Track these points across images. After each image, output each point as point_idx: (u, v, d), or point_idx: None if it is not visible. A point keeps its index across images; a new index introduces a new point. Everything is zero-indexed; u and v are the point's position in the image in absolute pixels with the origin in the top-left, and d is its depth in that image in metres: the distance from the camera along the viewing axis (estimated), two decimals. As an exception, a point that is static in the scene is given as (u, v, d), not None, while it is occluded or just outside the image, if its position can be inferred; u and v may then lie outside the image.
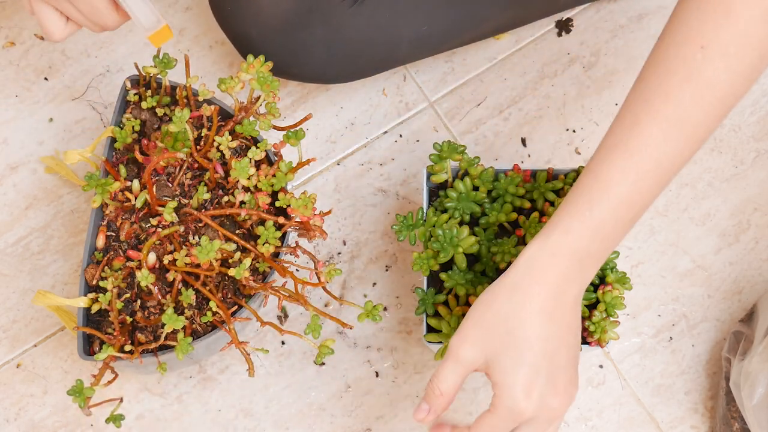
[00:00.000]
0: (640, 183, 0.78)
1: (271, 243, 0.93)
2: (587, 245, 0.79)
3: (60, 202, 1.15)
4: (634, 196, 0.78)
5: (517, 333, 0.79)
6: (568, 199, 0.80)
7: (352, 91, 1.19)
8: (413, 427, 1.09)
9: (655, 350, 1.12)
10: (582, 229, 0.79)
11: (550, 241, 0.79)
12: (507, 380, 0.78)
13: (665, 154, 0.78)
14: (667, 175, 0.79)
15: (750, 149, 1.18)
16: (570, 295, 0.80)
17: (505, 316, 0.79)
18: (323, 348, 0.93)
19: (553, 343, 0.79)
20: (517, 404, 0.78)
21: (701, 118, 0.78)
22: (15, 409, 1.08)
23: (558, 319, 0.79)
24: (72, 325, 0.98)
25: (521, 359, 0.78)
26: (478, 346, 0.80)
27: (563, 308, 0.80)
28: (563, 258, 0.79)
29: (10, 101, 1.18)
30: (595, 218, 0.78)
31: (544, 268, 0.79)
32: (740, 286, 1.14)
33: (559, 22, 1.22)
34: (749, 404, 1.00)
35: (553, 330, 0.79)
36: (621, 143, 0.78)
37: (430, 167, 1.00)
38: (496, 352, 0.79)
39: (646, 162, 0.78)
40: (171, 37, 0.92)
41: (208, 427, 1.09)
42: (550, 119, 1.19)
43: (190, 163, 1.00)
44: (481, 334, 0.80)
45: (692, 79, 0.77)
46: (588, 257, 0.79)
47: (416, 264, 0.96)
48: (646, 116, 0.78)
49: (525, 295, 0.79)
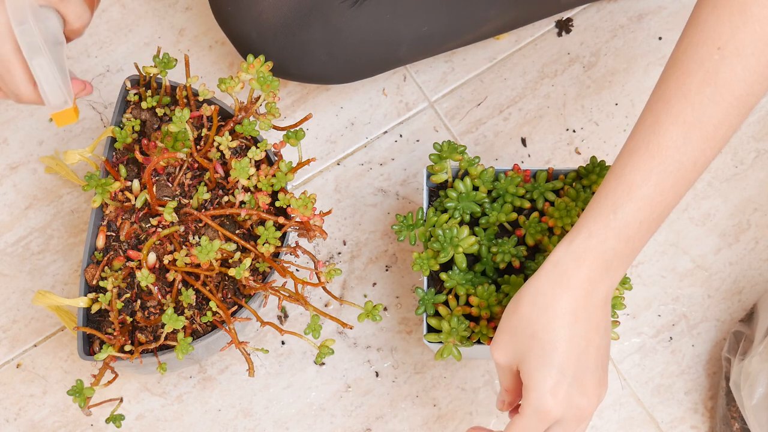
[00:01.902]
0: (662, 184, 0.79)
1: (271, 243, 0.93)
2: (612, 247, 0.80)
3: (60, 202, 1.15)
4: (657, 197, 0.79)
5: (541, 335, 0.80)
6: (592, 203, 0.81)
7: (352, 91, 1.19)
8: (413, 427, 1.09)
9: (655, 350, 1.12)
10: (606, 231, 0.79)
11: (574, 245, 0.80)
12: (533, 382, 0.80)
13: (686, 155, 0.78)
14: (691, 175, 0.80)
15: (750, 149, 1.18)
16: (597, 296, 0.81)
17: (530, 320, 0.80)
18: (323, 348, 0.93)
19: (579, 343, 0.80)
20: (544, 405, 0.79)
21: (721, 118, 0.78)
22: (15, 409, 1.08)
23: (584, 320, 0.80)
24: (72, 325, 0.98)
25: (547, 361, 0.79)
26: (508, 351, 0.82)
27: (590, 309, 0.80)
28: (588, 261, 0.80)
29: (10, 101, 1.18)
30: (619, 220, 0.79)
31: (569, 272, 0.80)
32: (740, 286, 1.14)
33: (559, 22, 1.22)
34: (749, 404, 1.00)
35: (579, 331, 0.80)
36: (642, 145, 0.79)
37: (430, 167, 1.00)
38: (524, 355, 0.81)
39: (668, 163, 0.78)
40: (75, 121, 0.89)
41: (208, 427, 1.09)
42: (550, 119, 1.19)
43: (190, 163, 1.00)
44: (509, 340, 0.82)
45: (710, 80, 0.77)
46: (614, 259, 0.80)
47: (416, 264, 0.96)
48: (667, 118, 0.78)
49: (549, 298, 0.80)
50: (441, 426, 1.09)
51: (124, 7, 1.21)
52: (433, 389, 1.10)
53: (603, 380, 0.82)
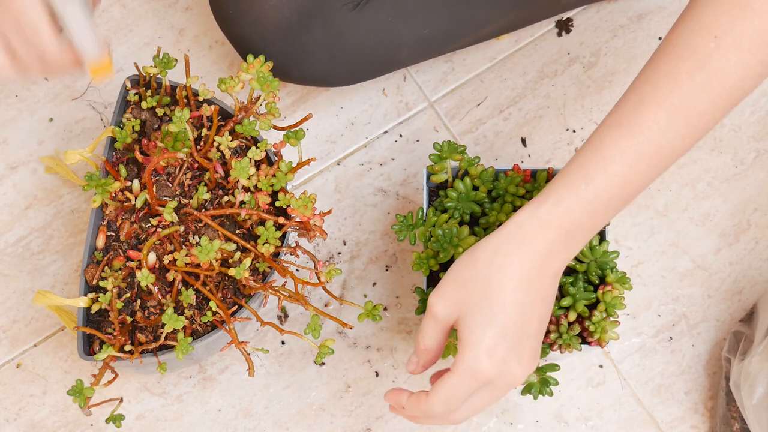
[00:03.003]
0: (638, 164, 0.78)
1: (271, 243, 0.93)
2: (578, 219, 0.79)
3: (60, 202, 1.15)
4: (631, 176, 0.78)
5: (492, 294, 0.78)
6: (564, 171, 0.80)
7: (352, 91, 1.19)
8: (413, 427, 1.09)
9: (655, 350, 1.12)
10: (575, 202, 0.78)
11: (541, 210, 0.79)
12: (473, 338, 0.78)
13: (667, 139, 0.78)
14: (667, 160, 0.79)
15: (750, 149, 1.18)
16: (552, 267, 0.80)
17: (484, 277, 0.79)
18: (323, 348, 0.93)
19: (526, 311, 0.79)
20: (479, 363, 0.78)
21: (707, 107, 0.78)
22: (15, 409, 1.08)
23: (536, 290, 0.79)
24: (72, 325, 0.98)
25: (491, 320, 0.78)
26: (452, 303, 0.80)
27: (542, 280, 0.79)
28: (551, 229, 0.79)
29: (10, 101, 1.18)
30: (590, 193, 0.78)
31: (531, 237, 0.79)
32: (740, 286, 1.14)
33: (559, 22, 1.22)
34: (749, 404, 1.00)
35: (529, 299, 0.79)
36: (624, 123, 0.78)
37: (430, 167, 1.00)
38: (468, 309, 0.79)
39: (648, 145, 0.78)
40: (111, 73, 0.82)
41: (208, 427, 1.09)
42: (550, 119, 1.19)
43: (190, 163, 1.00)
44: (456, 291, 0.80)
45: (702, 67, 0.77)
46: (576, 231, 0.79)
47: (416, 264, 0.96)
48: (652, 99, 0.78)
49: (507, 259, 0.79)
50: (441, 426, 1.09)
51: (124, 7, 1.21)
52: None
53: (537, 353, 0.81)
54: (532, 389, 0.93)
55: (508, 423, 1.09)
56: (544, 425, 1.09)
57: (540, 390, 0.93)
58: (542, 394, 0.93)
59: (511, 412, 1.09)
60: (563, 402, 1.10)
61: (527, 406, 1.10)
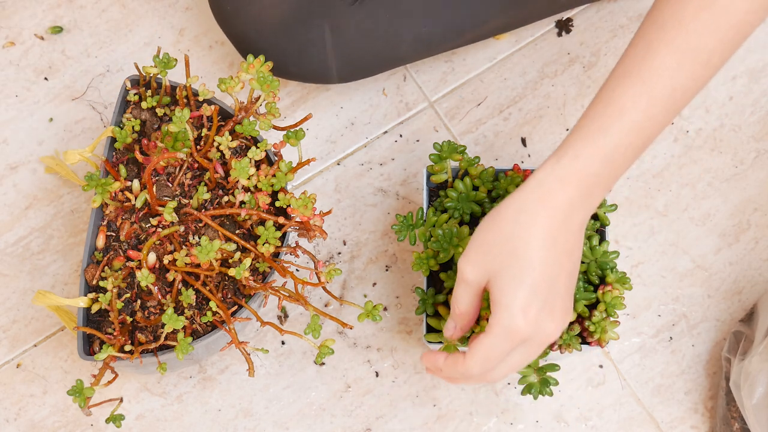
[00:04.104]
0: (652, 110, 0.78)
1: (271, 243, 0.93)
2: (597, 171, 0.79)
3: (60, 202, 1.15)
4: (646, 123, 0.78)
5: (519, 254, 0.78)
6: (578, 125, 0.80)
7: (352, 91, 1.19)
8: (413, 427, 1.09)
9: (655, 350, 1.12)
10: (592, 154, 0.78)
11: (560, 165, 0.79)
12: (505, 299, 0.78)
13: (678, 82, 0.78)
14: (680, 102, 0.79)
15: (750, 149, 1.18)
16: (575, 222, 0.80)
17: (510, 236, 0.79)
18: (323, 348, 0.93)
19: (554, 268, 0.79)
20: (514, 322, 0.78)
21: (715, 45, 0.78)
22: (15, 409, 1.08)
23: (561, 245, 0.79)
24: (72, 325, 0.98)
25: (522, 279, 0.78)
26: (481, 266, 0.80)
27: (567, 235, 0.79)
28: (571, 183, 0.79)
29: (10, 101, 1.18)
30: (607, 144, 0.78)
31: (552, 193, 0.79)
32: (740, 286, 1.14)
33: (559, 22, 1.22)
34: (749, 404, 1.00)
35: (556, 255, 0.79)
36: (634, 70, 0.78)
37: (430, 167, 1.00)
38: (498, 271, 0.79)
39: (659, 89, 0.78)
40: None
41: (208, 427, 1.09)
42: (550, 119, 1.19)
43: (190, 163, 1.00)
44: (484, 254, 0.80)
45: (707, 6, 0.77)
46: (597, 184, 0.79)
47: (416, 264, 0.96)
48: (659, 44, 0.78)
49: (531, 217, 0.79)
50: (441, 426, 1.09)
51: (124, 7, 1.21)
52: (433, 389, 1.10)
53: (569, 308, 0.81)
54: (532, 389, 0.93)
55: (508, 423, 1.09)
56: (544, 425, 1.09)
57: (540, 390, 0.93)
58: (542, 394, 0.93)
59: (511, 412, 1.09)
60: (563, 402, 1.10)
61: (527, 406, 1.10)
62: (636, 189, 1.16)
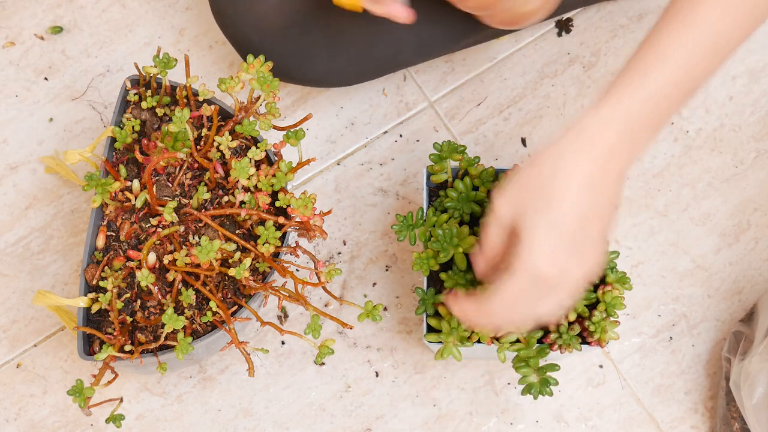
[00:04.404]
0: (696, 54, 0.78)
1: (271, 243, 0.93)
2: (640, 114, 0.78)
3: (60, 202, 1.15)
4: (689, 67, 0.78)
5: (554, 196, 0.77)
6: (623, 70, 0.79)
7: (352, 91, 1.19)
8: (413, 427, 1.09)
9: (655, 350, 1.12)
10: (635, 97, 0.78)
11: (603, 110, 0.78)
12: (534, 240, 0.77)
13: (722, 29, 0.78)
14: (724, 51, 0.79)
15: (750, 149, 1.18)
16: (616, 168, 0.78)
17: (547, 177, 0.78)
18: (323, 348, 0.93)
19: (587, 214, 0.77)
20: (540, 266, 0.76)
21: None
22: (15, 409, 1.08)
23: (599, 192, 0.78)
24: (72, 325, 0.98)
25: (552, 222, 0.77)
26: (513, 203, 0.79)
27: (606, 182, 0.78)
28: (614, 127, 0.78)
29: (10, 101, 1.18)
30: (650, 86, 0.78)
31: (594, 138, 0.78)
32: (740, 286, 1.14)
33: (559, 22, 1.22)
34: (749, 404, 1.00)
35: (591, 201, 0.77)
36: (679, 17, 0.78)
37: (430, 167, 1.00)
38: (529, 210, 0.78)
39: (704, 36, 0.78)
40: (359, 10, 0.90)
41: (208, 427, 1.09)
42: (550, 119, 1.19)
43: (190, 163, 1.00)
44: (518, 191, 0.79)
45: None
46: (640, 128, 0.78)
47: (416, 264, 0.96)
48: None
49: (570, 162, 0.77)
50: (441, 426, 1.09)
51: (124, 7, 1.21)
52: (433, 389, 1.10)
53: (599, 255, 0.79)
54: (532, 389, 0.93)
55: (508, 423, 1.09)
56: (544, 425, 1.09)
57: (540, 390, 0.93)
58: (542, 394, 0.93)
59: (511, 412, 1.09)
60: (563, 402, 1.10)
61: (527, 406, 1.10)
62: (636, 189, 1.16)
